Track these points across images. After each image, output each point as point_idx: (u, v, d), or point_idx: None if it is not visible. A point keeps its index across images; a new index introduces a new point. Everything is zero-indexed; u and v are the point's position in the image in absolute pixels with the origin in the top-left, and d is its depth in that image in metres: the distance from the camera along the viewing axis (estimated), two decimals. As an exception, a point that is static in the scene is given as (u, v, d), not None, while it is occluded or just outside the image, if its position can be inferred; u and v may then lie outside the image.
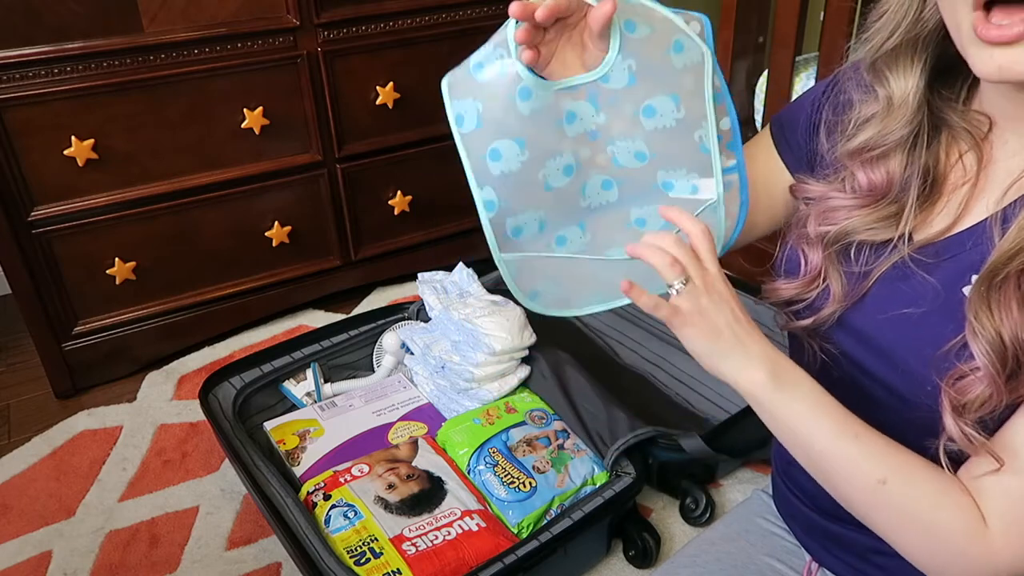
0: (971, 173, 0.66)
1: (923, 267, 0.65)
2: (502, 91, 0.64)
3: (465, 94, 0.66)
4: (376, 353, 1.62)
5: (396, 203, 1.90)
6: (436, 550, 1.14)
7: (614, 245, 0.70)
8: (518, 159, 0.66)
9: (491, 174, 0.67)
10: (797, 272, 0.73)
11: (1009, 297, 0.56)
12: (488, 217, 0.68)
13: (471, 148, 0.66)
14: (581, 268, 0.71)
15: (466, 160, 0.67)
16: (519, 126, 0.65)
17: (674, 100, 0.65)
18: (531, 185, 0.67)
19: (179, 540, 1.34)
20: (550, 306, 0.73)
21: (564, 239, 0.71)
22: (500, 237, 0.70)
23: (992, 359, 0.56)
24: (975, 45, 0.56)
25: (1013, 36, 0.54)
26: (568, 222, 0.70)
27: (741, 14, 1.83)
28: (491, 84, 0.65)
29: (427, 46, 1.78)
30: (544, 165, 0.67)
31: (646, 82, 0.65)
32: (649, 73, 0.64)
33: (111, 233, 1.62)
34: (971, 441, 0.58)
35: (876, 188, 0.67)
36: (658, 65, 0.64)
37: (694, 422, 1.44)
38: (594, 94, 0.66)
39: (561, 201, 0.69)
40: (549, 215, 0.70)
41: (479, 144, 0.66)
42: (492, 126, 0.66)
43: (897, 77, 0.66)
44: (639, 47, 0.63)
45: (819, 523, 0.80)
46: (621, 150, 0.67)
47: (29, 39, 1.42)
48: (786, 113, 0.79)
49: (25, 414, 1.66)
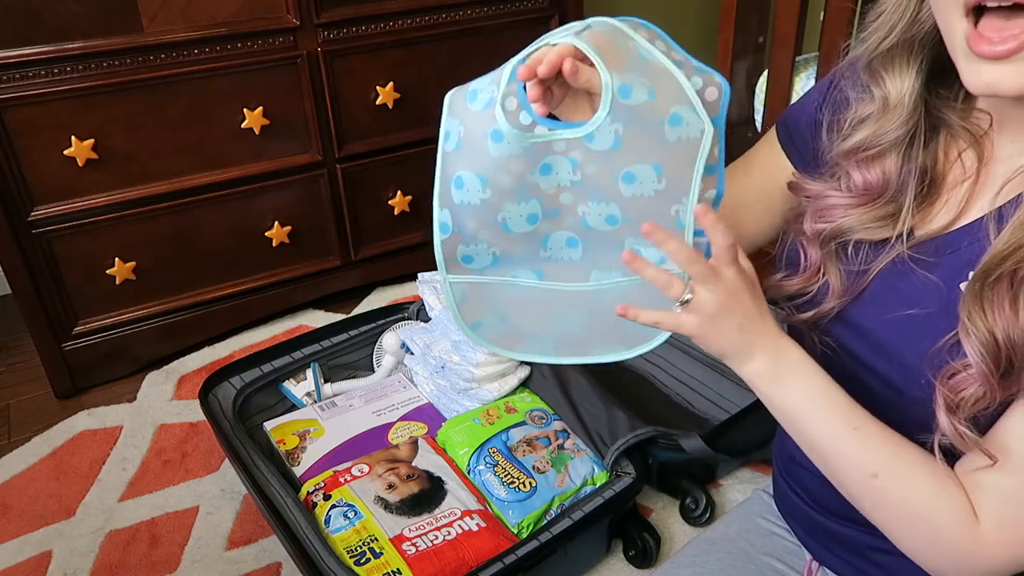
0: (971, 171, 0.66)
1: (922, 264, 0.65)
2: (480, 126, 0.64)
3: (456, 113, 0.66)
4: (376, 353, 1.62)
5: (396, 203, 1.91)
6: (436, 550, 1.14)
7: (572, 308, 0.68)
8: (478, 195, 0.66)
9: (452, 200, 0.67)
10: (797, 267, 0.73)
11: (1002, 297, 0.57)
12: (440, 239, 0.68)
13: (445, 167, 0.67)
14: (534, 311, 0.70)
15: (438, 177, 0.67)
16: (486, 164, 0.65)
17: (656, 171, 0.62)
18: (488, 223, 0.67)
19: (179, 540, 1.34)
20: (491, 340, 0.71)
21: (516, 286, 0.69)
22: (449, 260, 0.69)
23: (985, 358, 0.57)
24: (966, 58, 0.57)
25: (1003, 53, 0.54)
26: (524, 265, 0.69)
27: (741, 14, 1.83)
28: (475, 115, 0.65)
29: (427, 46, 1.78)
30: (503, 208, 0.66)
31: (631, 149, 0.62)
32: (636, 140, 0.62)
33: (111, 233, 1.62)
34: (964, 439, 0.59)
35: (872, 188, 0.68)
36: (648, 134, 0.61)
37: (694, 422, 1.44)
38: (574, 151, 0.63)
39: (519, 244, 0.68)
40: (505, 252, 0.68)
41: (452, 166, 0.66)
42: (465, 154, 0.65)
43: (893, 77, 0.66)
44: (629, 114, 0.61)
45: (820, 521, 0.80)
46: (592, 212, 0.65)
47: (29, 39, 1.42)
48: (790, 114, 0.79)
49: (25, 414, 1.66)
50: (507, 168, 0.64)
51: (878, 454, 0.62)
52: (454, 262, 0.70)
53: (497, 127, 0.63)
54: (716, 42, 1.87)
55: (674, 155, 0.62)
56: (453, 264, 0.70)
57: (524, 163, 0.64)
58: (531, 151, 0.64)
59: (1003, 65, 0.55)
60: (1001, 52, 0.54)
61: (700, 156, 0.62)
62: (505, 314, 0.71)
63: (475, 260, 0.69)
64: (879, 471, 0.62)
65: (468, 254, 0.69)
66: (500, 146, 0.64)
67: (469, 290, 0.70)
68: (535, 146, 0.64)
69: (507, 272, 0.69)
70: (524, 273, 0.69)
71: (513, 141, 0.63)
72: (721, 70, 1.91)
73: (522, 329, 0.71)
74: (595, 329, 0.68)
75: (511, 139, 0.63)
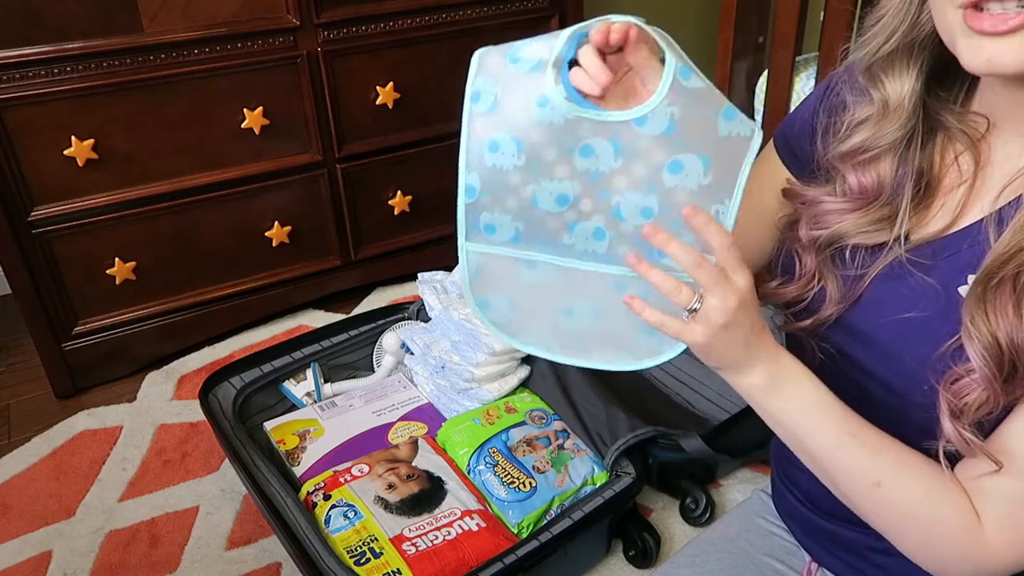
0: (968, 174, 0.65)
1: (920, 267, 0.65)
2: (525, 88, 0.61)
3: (491, 73, 0.63)
4: (376, 353, 1.62)
5: (396, 203, 1.90)
6: (436, 550, 1.14)
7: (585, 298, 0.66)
8: (512, 161, 0.63)
9: (483, 163, 0.64)
10: (793, 274, 0.73)
11: (1005, 300, 0.56)
12: (466, 202, 0.66)
13: (475, 129, 0.64)
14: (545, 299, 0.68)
15: (465, 139, 0.64)
16: (525, 129, 0.62)
17: (704, 164, 0.60)
18: (517, 192, 0.64)
19: (179, 540, 1.34)
20: (497, 323, 0.69)
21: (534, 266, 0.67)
22: (470, 227, 0.67)
23: (988, 362, 0.57)
24: (965, 37, 0.56)
25: (1004, 30, 0.53)
26: (545, 249, 0.66)
27: (741, 14, 1.83)
28: (518, 76, 0.62)
29: (427, 46, 1.78)
30: (537, 181, 0.63)
31: (683, 134, 0.60)
32: (691, 126, 0.60)
33: (111, 233, 1.62)
34: (969, 444, 0.59)
35: (867, 191, 0.67)
36: (702, 122, 0.60)
37: (694, 422, 1.44)
38: (618, 136, 0.61)
39: (544, 224, 0.65)
40: (527, 230, 0.66)
41: (483, 129, 0.63)
42: (502, 117, 0.63)
43: (893, 81, 0.66)
44: (688, 97, 0.59)
45: (818, 523, 0.80)
46: (628, 202, 0.62)
47: (29, 39, 1.42)
48: (787, 124, 0.79)
49: (25, 414, 1.66)
50: (547, 138, 0.62)
51: (880, 463, 0.62)
52: (475, 230, 0.67)
53: (544, 92, 0.61)
54: (716, 42, 1.87)
55: (723, 151, 0.60)
56: (474, 232, 0.67)
57: (566, 137, 0.62)
58: (576, 126, 0.61)
59: (1003, 40, 0.54)
60: (1002, 29, 0.53)
61: (748, 157, 0.60)
62: (515, 300, 0.69)
63: (497, 232, 0.66)
64: (882, 479, 0.61)
65: (491, 223, 0.66)
66: (544, 112, 0.61)
67: (485, 264, 0.68)
68: (580, 122, 0.61)
69: (526, 251, 0.67)
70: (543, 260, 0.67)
71: (558, 109, 0.61)
72: (721, 70, 1.92)
73: (529, 318, 0.69)
74: (604, 329, 0.67)
75: (557, 106, 0.61)
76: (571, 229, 0.65)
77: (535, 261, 0.67)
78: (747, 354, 0.62)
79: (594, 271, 0.65)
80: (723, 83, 1.87)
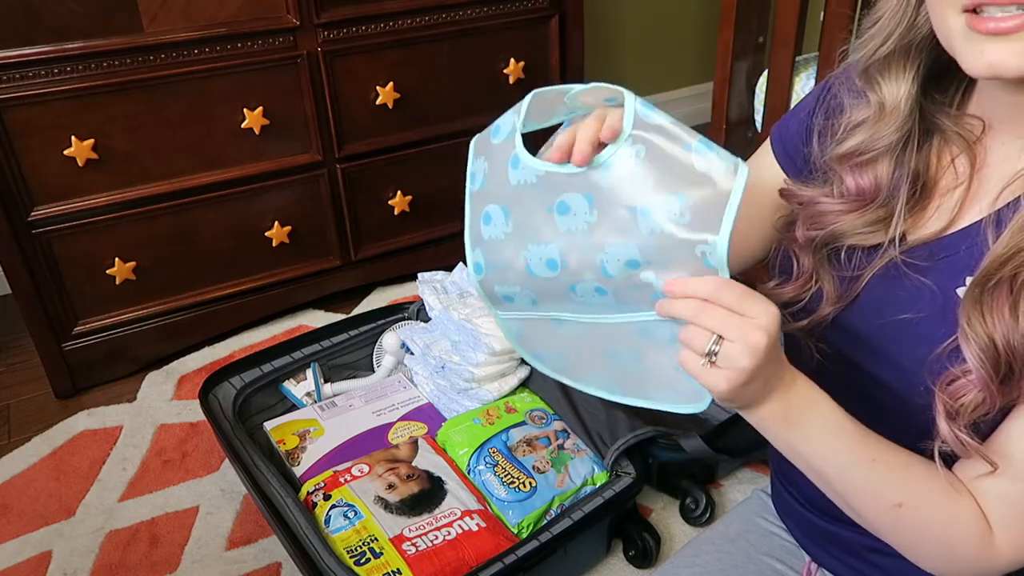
0: (964, 177, 0.66)
1: (916, 268, 0.65)
2: (501, 156, 0.63)
3: (480, 152, 0.65)
4: (376, 353, 1.62)
5: (396, 203, 1.90)
6: (436, 550, 1.14)
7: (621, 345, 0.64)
8: (503, 228, 0.64)
9: (481, 237, 0.66)
10: (790, 274, 0.73)
11: (1002, 302, 0.56)
12: (477, 279, 0.68)
13: (473, 207, 0.66)
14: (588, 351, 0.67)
15: (467, 218, 0.67)
16: (507, 194, 0.63)
17: (680, 202, 0.55)
18: (512, 264, 0.64)
19: (179, 540, 1.34)
20: (555, 371, 0.70)
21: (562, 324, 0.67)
22: (492, 298, 0.68)
23: (985, 364, 0.56)
24: (966, 41, 0.56)
25: (1006, 29, 0.53)
26: (563, 309, 0.66)
27: (741, 14, 1.83)
28: (496, 146, 0.64)
29: (427, 46, 1.78)
30: (526, 248, 0.63)
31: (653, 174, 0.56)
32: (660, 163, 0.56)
33: (111, 233, 1.62)
34: (965, 445, 0.59)
35: (864, 192, 0.67)
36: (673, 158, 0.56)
37: (694, 422, 1.44)
38: (589, 186, 0.59)
39: (548, 290, 0.64)
40: (538, 296, 0.66)
41: (479, 204, 0.65)
42: (490, 188, 0.64)
43: (889, 83, 0.66)
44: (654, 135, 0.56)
45: (817, 523, 0.80)
46: (611, 257, 0.59)
47: (29, 39, 1.42)
48: (783, 124, 0.79)
49: (25, 414, 1.66)
50: (525, 200, 0.62)
51: (900, 484, 0.61)
52: (497, 300, 0.68)
53: (516, 153, 0.62)
54: (716, 42, 1.87)
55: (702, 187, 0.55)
56: (497, 302, 0.68)
57: (541, 196, 0.61)
58: (549, 183, 0.61)
59: (1005, 43, 0.54)
60: (1004, 28, 0.53)
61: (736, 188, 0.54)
62: (562, 352, 0.69)
63: (516, 300, 0.67)
64: (903, 500, 0.60)
65: (507, 293, 0.67)
66: (517, 173, 0.62)
67: (521, 327, 0.69)
68: (552, 178, 0.60)
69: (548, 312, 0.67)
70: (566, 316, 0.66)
71: (528, 167, 0.61)
72: (721, 70, 1.92)
73: (582, 364, 0.68)
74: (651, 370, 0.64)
75: (527, 164, 0.61)
76: (573, 290, 0.63)
77: (561, 320, 0.67)
78: (764, 391, 0.59)
79: (615, 322, 0.64)
80: (723, 83, 1.87)
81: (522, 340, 0.70)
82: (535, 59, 1.91)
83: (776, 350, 0.57)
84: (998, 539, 0.59)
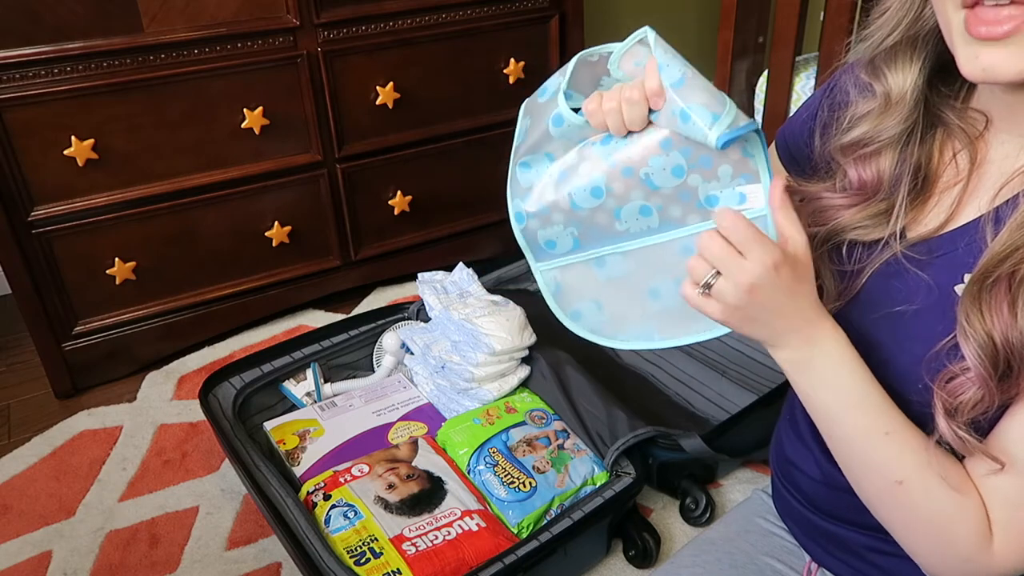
0: (964, 172, 0.66)
1: (916, 264, 0.65)
2: (545, 112, 0.66)
3: (527, 112, 0.68)
4: (376, 353, 1.62)
5: (396, 203, 1.90)
6: (436, 550, 1.14)
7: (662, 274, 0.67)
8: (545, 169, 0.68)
9: (521, 185, 0.69)
10: None
11: (1000, 299, 0.56)
12: (519, 228, 0.70)
13: (514, 159, 0.69)
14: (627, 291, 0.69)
15: (511, 171, 0.69)
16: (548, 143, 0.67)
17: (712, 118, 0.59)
18: (557, 203, 0.68)
19: (179, 540, 1.34)
20: (592, 330, 0.72)
21: (604, 263, 0.69)
22: (535, 248, 0.71)
23: (983, 361, 0.56)
24: (963, 42, 0.56)
25: (999, 34, 0.54)
26: (605, 243, 0.68)
27: (741, 14, 1.83)
28: (540, 104, 0.67)
29: (427, 46, 1.78)
30: (569, 183, 0.67)
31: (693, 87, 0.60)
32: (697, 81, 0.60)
33: (111, 233, 1.62)
34: (964, 443, 0.58)
35: (866, 185, 0.68)
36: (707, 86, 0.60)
37: (694, 422, 1.44)
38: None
39: (593, 221, 0.68)
40: (582, 233, 0.69)
41: (518, 156, 0.69)
42: (531, 141, 0.68)
43: (895, 74, 0.66)
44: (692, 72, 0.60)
45: (817, 523, 0.80)
46: (656, 170, 0.63)
47: (29, 39, 1.42)
48: (787, 126, 0.80)
49: (25, 414, 1.66)
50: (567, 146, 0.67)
51: (908, 462, 0.61)
52: (539, 250, 0.71)
53: (559, 111, 0.65)
54: (716, 42, 1.87)
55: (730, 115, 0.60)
56: (539, 252, 0.71)
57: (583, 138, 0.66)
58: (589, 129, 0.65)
59: (1000, 48, 0.54)
60: (997, 33, 0.53)
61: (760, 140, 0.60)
62: (600, 301, 0.71)
63: (557, 244, 0.70)
64: (905, 479, 0.60)
65: (550, 238, 0.70)
66: (560, 130, 0.66)
67: (561, 277, 0.71)
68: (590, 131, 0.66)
69: (591, 253, 0.70)
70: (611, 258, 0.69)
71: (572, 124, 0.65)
72: (721, 70, 1.92)
73: (620, 314, 0.71)
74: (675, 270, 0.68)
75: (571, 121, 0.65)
76: (617, 215, 0.66)
77: (602, 257, 0.69)
78: (771, 332, 0.61)
79: (659, 243, 0.67)
80: (723, 83, 1.87)
81: (559, 296, 0.72)
82: (535, 59, 1.91)
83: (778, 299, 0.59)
84: (996, 544, 0.59)
